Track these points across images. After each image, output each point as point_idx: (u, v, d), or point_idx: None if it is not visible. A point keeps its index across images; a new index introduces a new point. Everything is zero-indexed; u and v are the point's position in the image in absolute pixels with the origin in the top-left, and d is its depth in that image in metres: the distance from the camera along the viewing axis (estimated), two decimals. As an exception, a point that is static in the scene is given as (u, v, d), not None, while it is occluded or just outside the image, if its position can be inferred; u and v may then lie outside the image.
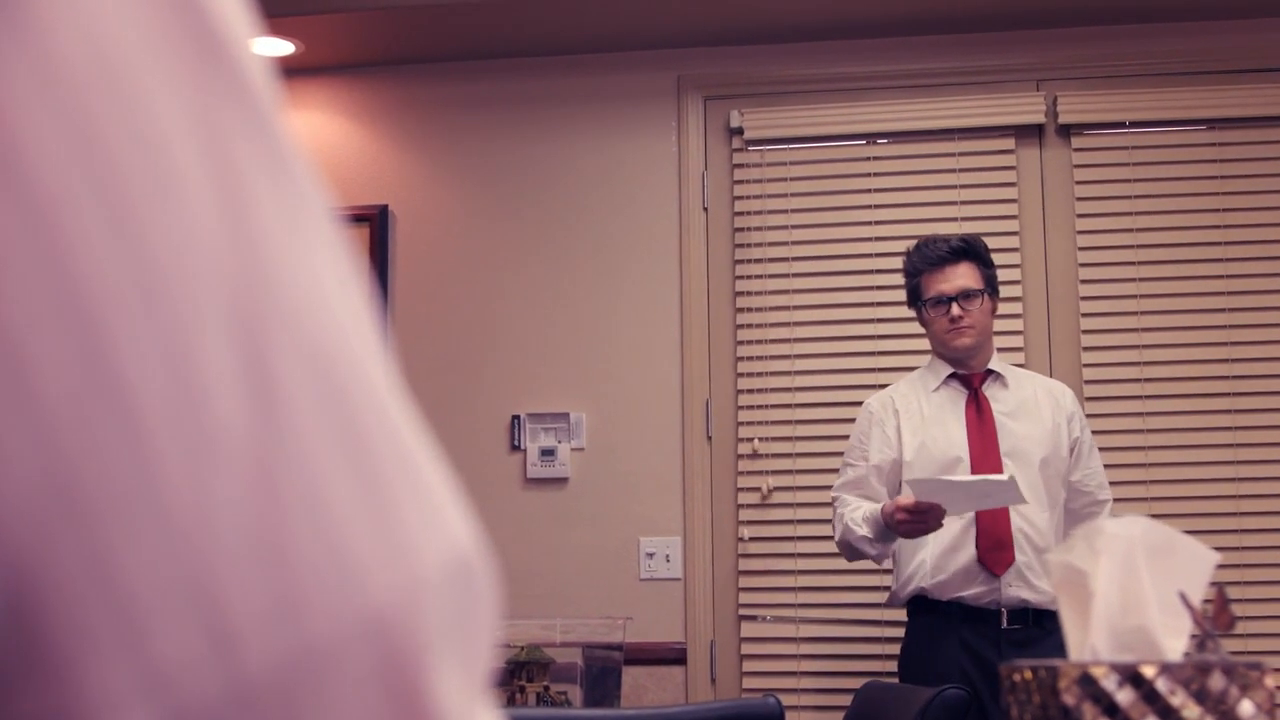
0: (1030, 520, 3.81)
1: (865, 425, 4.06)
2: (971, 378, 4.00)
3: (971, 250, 3.99)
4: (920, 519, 3.67)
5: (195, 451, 0.36)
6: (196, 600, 0.36)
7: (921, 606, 3.89)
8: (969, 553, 3.81)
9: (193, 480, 0.36)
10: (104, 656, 0.35)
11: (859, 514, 3.86)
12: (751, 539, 4.68)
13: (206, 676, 0.36)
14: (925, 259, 4.00)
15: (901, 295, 4.66)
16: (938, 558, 3.83)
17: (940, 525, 3.69)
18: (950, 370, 4.02)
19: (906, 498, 3.70)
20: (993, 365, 4.03)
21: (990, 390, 4.00)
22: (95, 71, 0.37)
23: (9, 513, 0.35)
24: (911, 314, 4.70)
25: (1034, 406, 3.98)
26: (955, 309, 3.92)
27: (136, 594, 0.36)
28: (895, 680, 3.97)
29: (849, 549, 3.93)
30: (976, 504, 3.71)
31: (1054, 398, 4.03)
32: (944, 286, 3.95)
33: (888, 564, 4.03)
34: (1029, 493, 3.78)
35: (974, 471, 3.84)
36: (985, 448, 3.88)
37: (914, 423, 3.99)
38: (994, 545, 3.80)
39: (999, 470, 3.81)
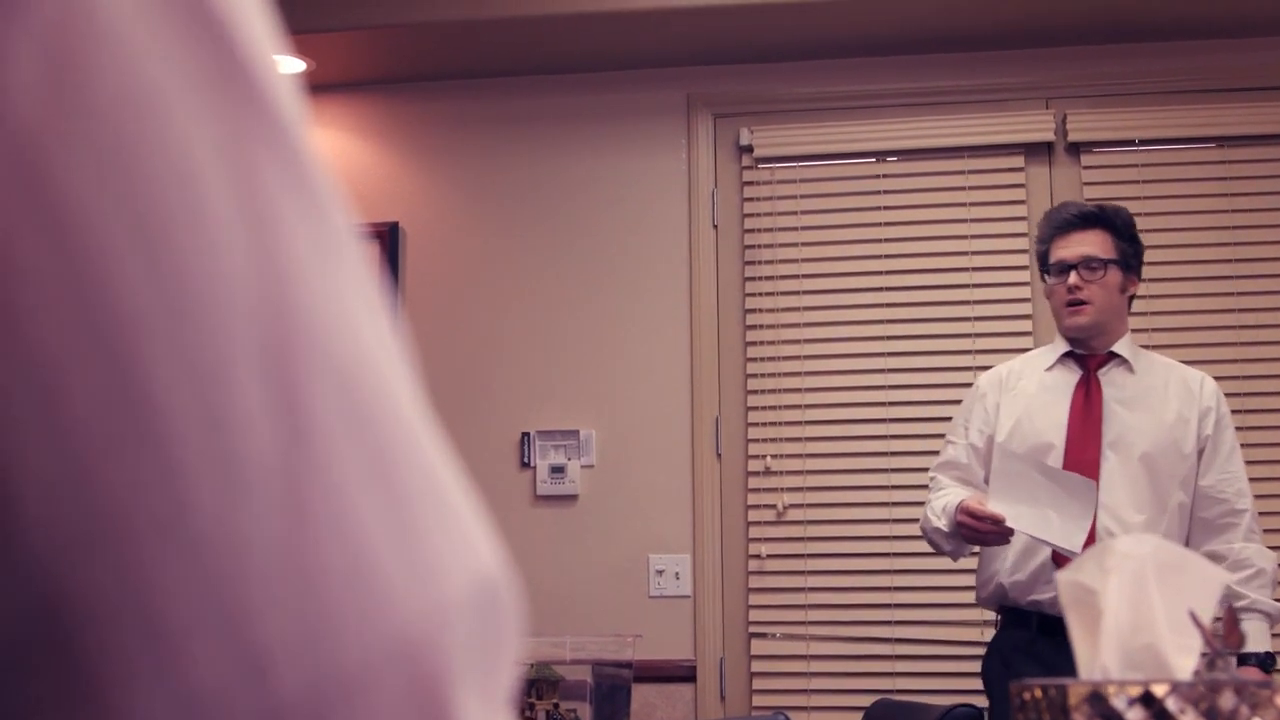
0: (1122, 521, 3.47)
1: (970, 401, 3.79)
2: (1089, 359, 3.66)
3: (1104, 218, 3.65)
4: (979, 528, 3.41)
5: (226, 477, 0.37)
6: (229, 626, 0.36)
7: (1007, 617, 3.64)
8: (1046, 552, 3.50)
9: (224, 506, 0.37)
10: (138, 682, 0.36)
11: (940, 503, 3.59)
12: (770, 556, 4.68)
13: (239, 702, 0.36)
14: (1051, 223, 3.70)
15: (911, 312, 4.68)
16: (1018, 555, 3.54)
17: (1005, 542, 3.44)
18: (1067, 348, 3.69)
19: (975, 500, 3.44)
20: (1119, 348, 3.66)
21: (1109, 375, 3.64)
22: (126, 100, 0.38)
23: (42, 538, 0.36)
24: (922, 331, 4.71)
25: (1159, 396, 3.61)
26: (1074, 278, 3.57)
27: (169, 619, 0.36)
28: (910, 699, 3.95)
29: (930, 539, 3.68)
30: (1043, 522, 3.34)
31: (1189, 389, 3.64)
32: (1065, 253, 3.61)
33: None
34: (1126, 487, 3.51)
35: (1066, 462, 3.53)
36: (1085, 436, 3.58)
37: (1018, 400, 3.67)
38: None
39: (1095, 464, 3.52)
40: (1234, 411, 4.44)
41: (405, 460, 0.41)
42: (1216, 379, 4.46)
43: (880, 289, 4.71)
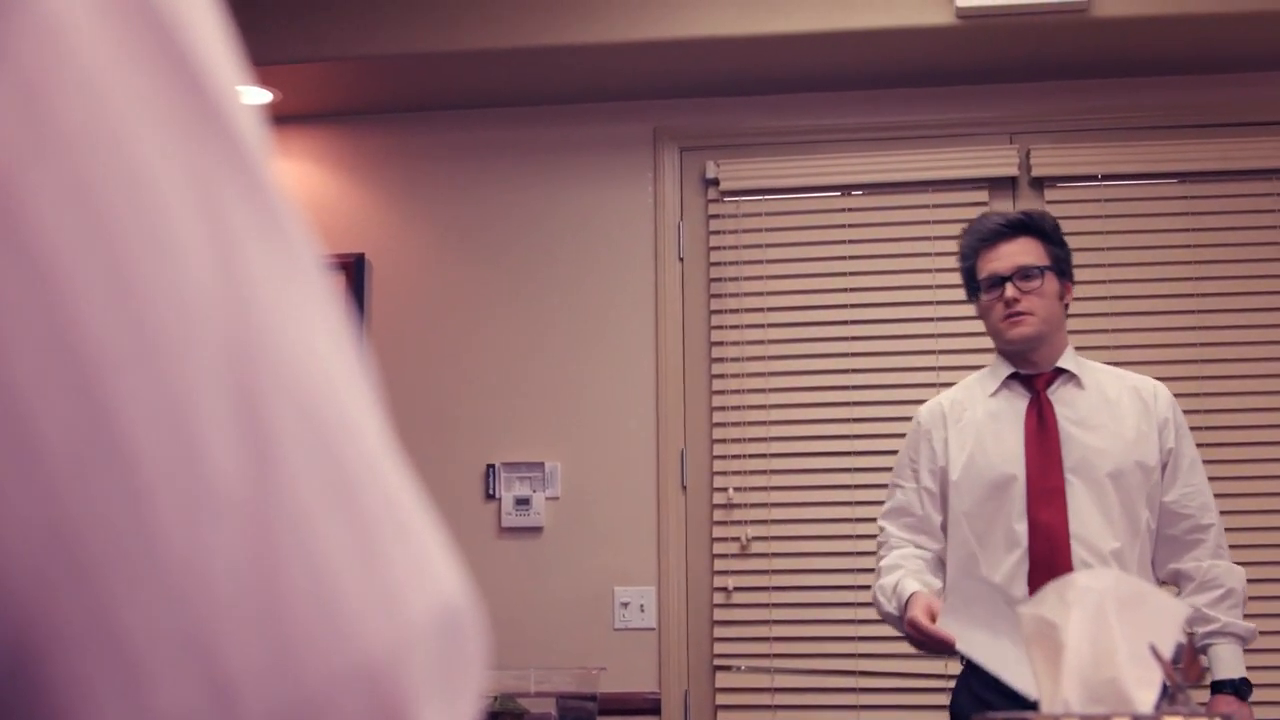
0: (1095, 550, 3.25)
1: (913, 440, 3.53)
2: (1036, 379, 3.42)
3: (1033, 224, 3.42)
4: (927, 645, 3.19)
5: (193, 507, 0.37)
6: (195, 653, 0.37)
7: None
8: (1020, 592, 3.22)
9: (191, 535, 0.37)
10: (105, 709, 0.36)
11: (890, 582, 3.35)
12: (735, 589, 4.67)
13: None
14: (976, 235, 3.46)
15: (875, 345, 4.68)
16: None
17: (953, 655, 3.22)
18: (1010, 370, 3.44)
19: (924, 610, 3.17)
20: (1064, 363, 3.42)
21: (1059, 393, 3.40)
22: (93, 133, 0.38)
23: (12, 568, 0.36)
24: (886, 365, 4.70)
25: (1114, 411, 3.37)
26: (1010, 290, 3.34)
27: (137, 647, 0.36)
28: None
29: (880, 615, 3.46)
30: (999, 655, 3.04)
31: (1143, 401, 3.39)
32: (997, 265, 3.38)
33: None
34: (1096, 514, 3.27)
35: (1030, 493, 3.29)
36: (1046, 464, 3.33)
37: (965, 433, 3.43)
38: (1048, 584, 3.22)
39: (1060, 492, 3.29)
40: (1198, 445, 4.47)
41: (369, 488, 0.41)
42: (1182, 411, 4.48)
43: (845, 322, 4.72)
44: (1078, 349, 4.03)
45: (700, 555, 4.75)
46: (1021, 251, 3.38)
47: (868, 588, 4.47)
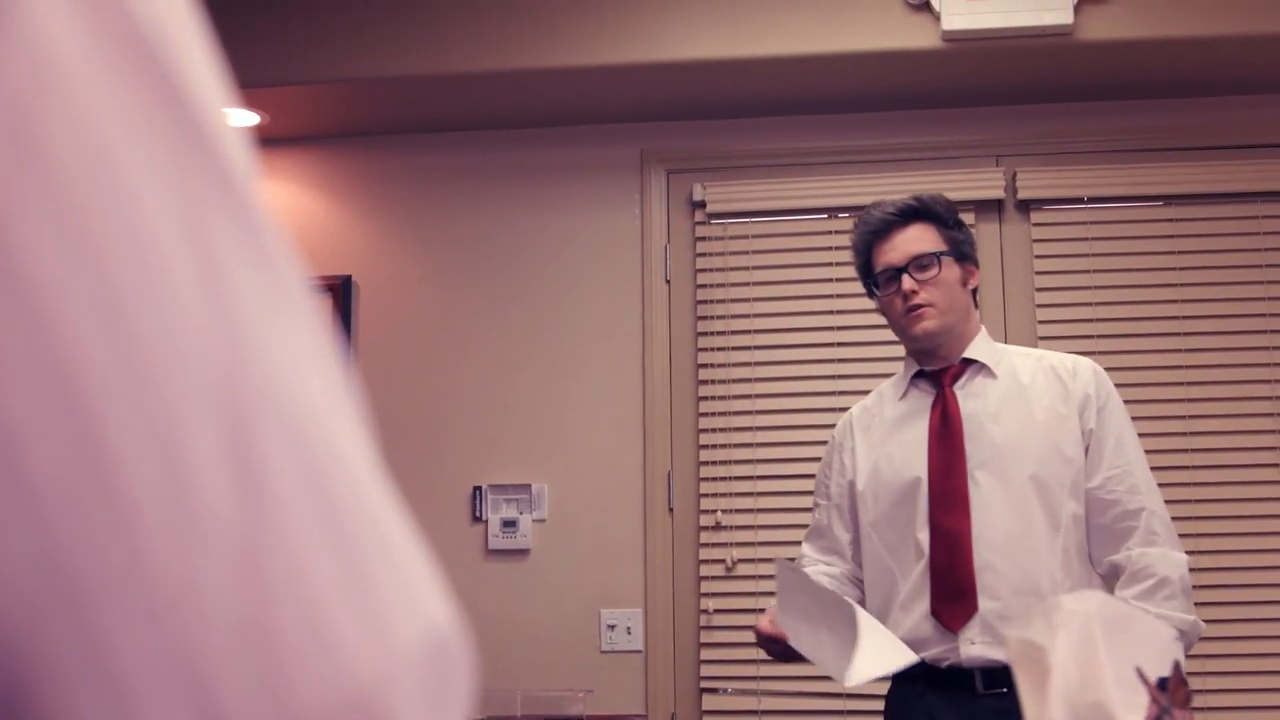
0: (1003, 552, 3.03)
1: (827, 456, 3.39)
2: (942, 374, 3.20)
3: (925, 209, 3.20)
4: (770, 650, 3.10)
5: (183, 535, 0.37)
6: (186, 681, 0.37)
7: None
8: (924, 604, 3.06)
9: (181, 563, 0.37)
10: None
11: None
12: (716, 610, 4.67)
13: None
14: (867, 226, 3.23)
15: (861, 368, 4.67)
16: (894, 612, 3.11)
17: (794, 657, 3.04)
18: (918, 368, 3.24)
19: (766, 618, 3.09)
20: (972, 353, 3.20)
21: (967, 386, 3.18)
22: (84, 164, 0.38)
23: (3, 597, 0.36)
24: (872, 388, 4.70)
25: (1028, 398, 3.12)
26: (907, 282, 3.12)
27: (127, 676, 0.36)
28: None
29: None
30: (818, 644, 2.89)
31: (1059, 379, 3.13)
32: (890, 256, 3.16)
33: None
34: (1001, 513, 3.05)
35: (932, 495, 3.10)
36: (949, 464, 3.12)
37: (871, 440, 3.25)
38: (949, 593, 3.03)
39: (963, 493, 3.08)
40: (1182, 468, 4.47)
41: (357, 514, 0.41)
42: (1166, 434, 4.48)
43: (832, 344, 4.73)
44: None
45: (687, 577, 4.74)
46: (915, 239, 3.17)
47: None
